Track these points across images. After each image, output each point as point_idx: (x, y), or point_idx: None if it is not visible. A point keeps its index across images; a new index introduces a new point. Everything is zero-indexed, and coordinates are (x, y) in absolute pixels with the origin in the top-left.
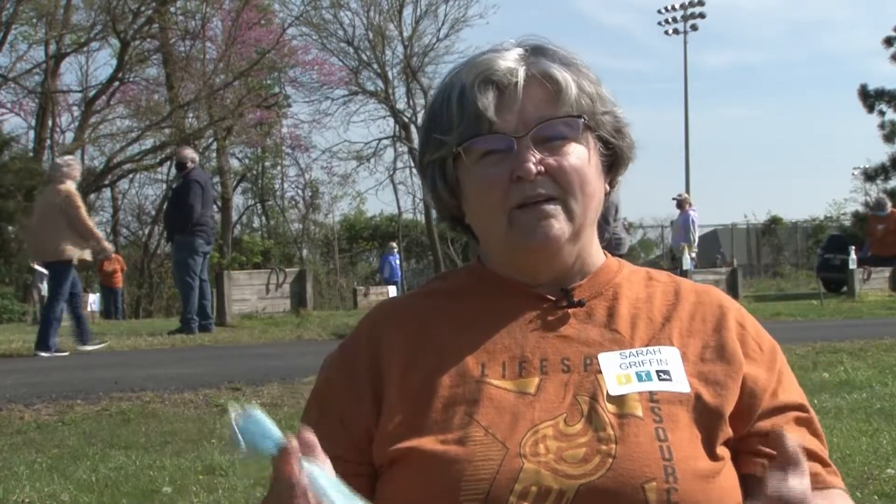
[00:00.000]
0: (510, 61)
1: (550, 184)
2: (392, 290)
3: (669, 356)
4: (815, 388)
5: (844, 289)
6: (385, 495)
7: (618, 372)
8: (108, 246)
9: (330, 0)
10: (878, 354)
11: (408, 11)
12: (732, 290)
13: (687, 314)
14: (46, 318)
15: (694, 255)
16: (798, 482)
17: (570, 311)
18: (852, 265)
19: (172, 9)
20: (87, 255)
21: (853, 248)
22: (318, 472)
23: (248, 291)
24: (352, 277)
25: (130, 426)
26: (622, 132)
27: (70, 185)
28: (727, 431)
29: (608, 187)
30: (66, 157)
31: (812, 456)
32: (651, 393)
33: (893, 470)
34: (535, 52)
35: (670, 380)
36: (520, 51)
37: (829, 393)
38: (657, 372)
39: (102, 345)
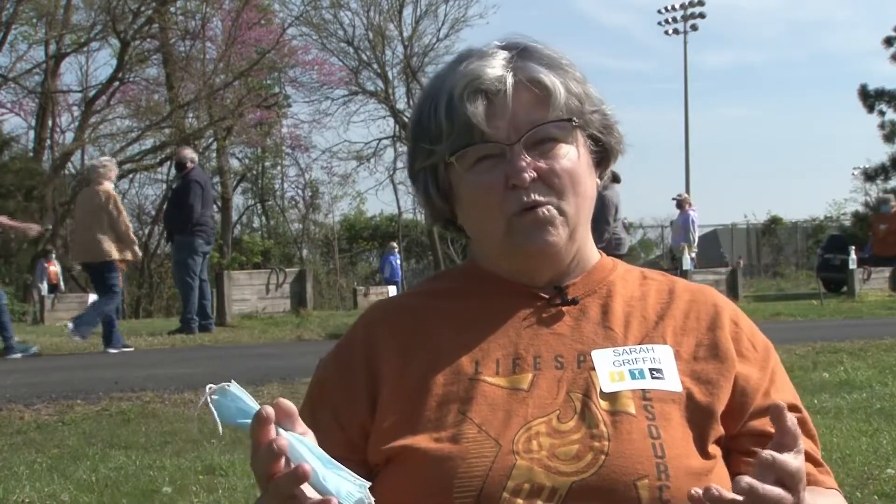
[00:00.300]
0: (497, 68)
1: (545, 188)
2: (392, 290)
3: (663, 354)
4: (815, 388)
5: (844, 289)
6: (380, 494)
7: (611, 369)
8: (138, 251)
9: (330, 0)
10: (878, 354)
11: (408, 11)
12: (732, 290)
13: (681, 312)
14: (106, 318)
15: (694, 255)
16: (793, 458)
17: (564, 308)
18: (852, 265)
19: (172, 9)
20: (128, 254)
21: (853, 248)
22: (296, 439)
23: (248, 291)
24: (352, 277)
25: (130, 426)
26: (610, 128)
27: (108, 186)
28: (719, 430)
29: (599, 181)
30: (102, 159)
31: (805, 456)
32: (644, 391)
33: (893, 470)
34: (521, 56)
35: (663, 378)
36: (505, 54)
37: (829, 393)
38: (650, 370)
39: (129, 349)
